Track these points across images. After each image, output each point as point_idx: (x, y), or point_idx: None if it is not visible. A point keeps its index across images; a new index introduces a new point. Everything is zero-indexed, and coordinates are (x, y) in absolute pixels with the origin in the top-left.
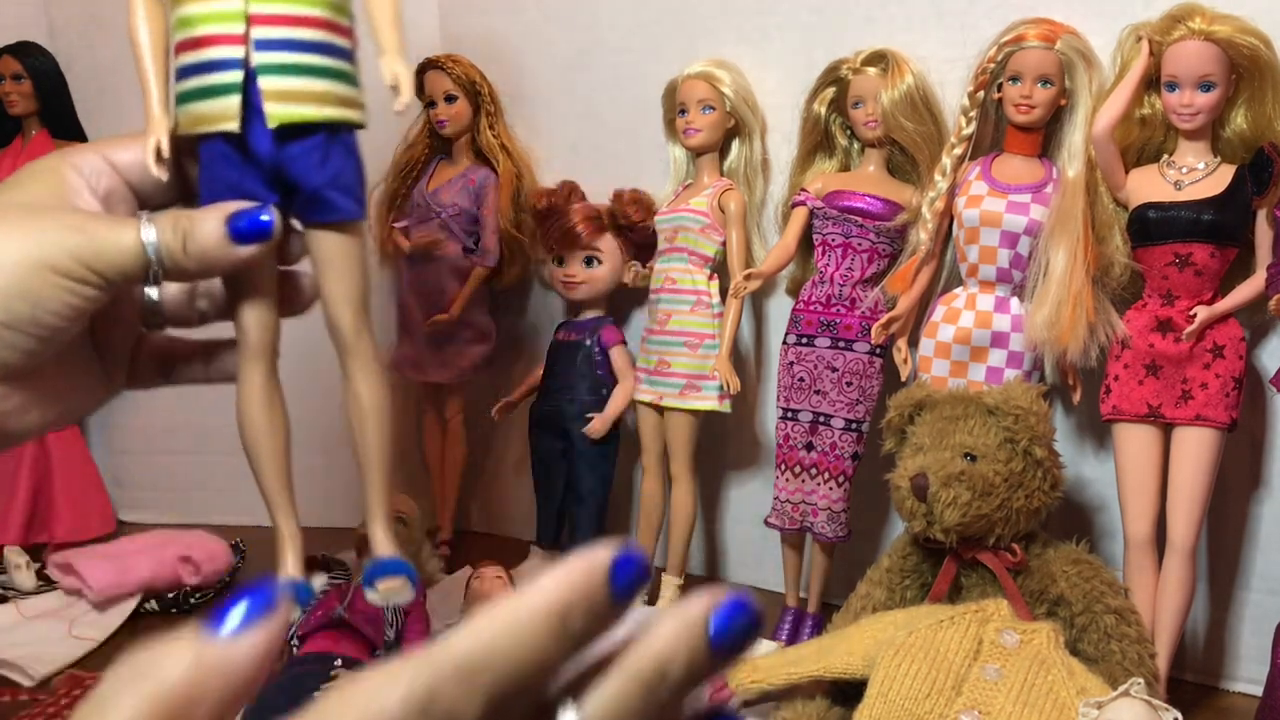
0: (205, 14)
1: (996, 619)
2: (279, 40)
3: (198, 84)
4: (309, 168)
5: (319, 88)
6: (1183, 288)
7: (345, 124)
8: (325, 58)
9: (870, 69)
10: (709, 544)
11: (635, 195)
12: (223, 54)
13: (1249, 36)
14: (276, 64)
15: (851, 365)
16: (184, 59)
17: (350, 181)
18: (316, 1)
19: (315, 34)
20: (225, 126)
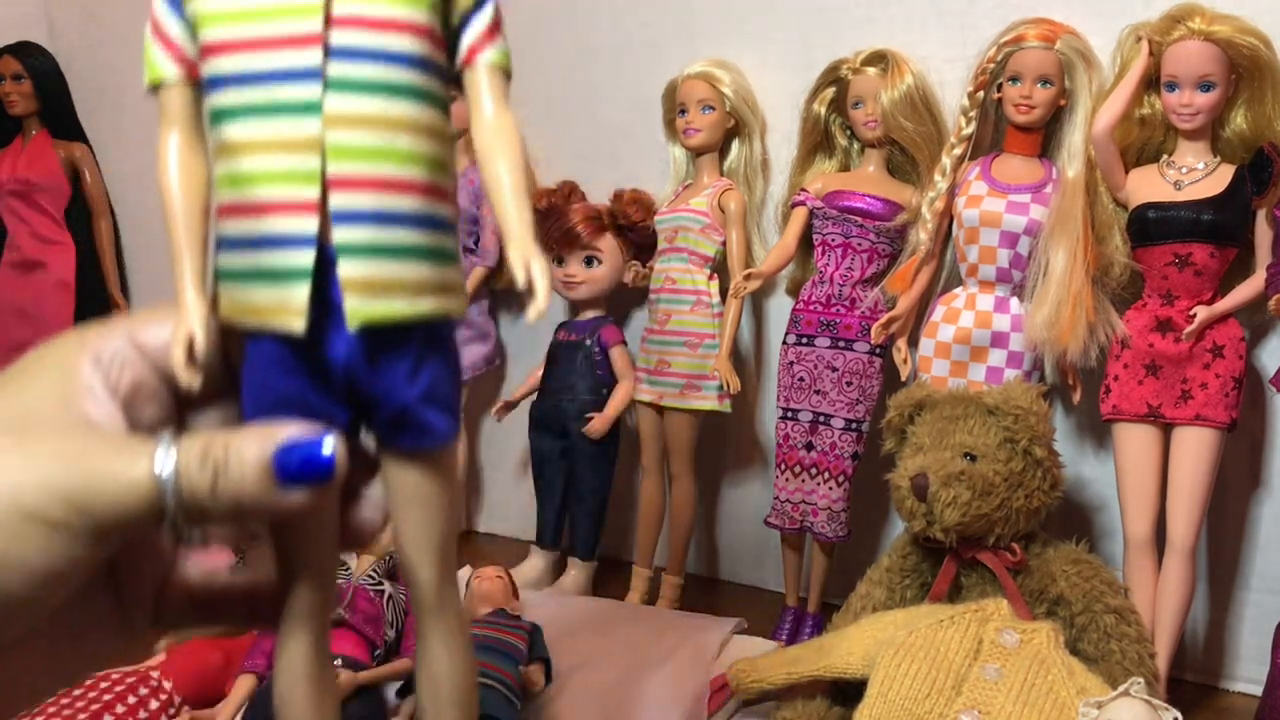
0: (268, 172)
1: (996, 618)
2: (367, 212)
3: (250, 263)
4: (397, 381)
5: (417, 275)
6: (1182, 288)
7: (445, 318)
8: (425, 233)
9: (870, 69)
10: (709, 544)
11: (635, 195)
12: (290, 227)
13: (1249, 36)
14: (363, 244)
15: (851, 365)
16: (232, 227)
17: (447, 393)
18: (416, 159)
19: (414, 203)
20: (289, 327)
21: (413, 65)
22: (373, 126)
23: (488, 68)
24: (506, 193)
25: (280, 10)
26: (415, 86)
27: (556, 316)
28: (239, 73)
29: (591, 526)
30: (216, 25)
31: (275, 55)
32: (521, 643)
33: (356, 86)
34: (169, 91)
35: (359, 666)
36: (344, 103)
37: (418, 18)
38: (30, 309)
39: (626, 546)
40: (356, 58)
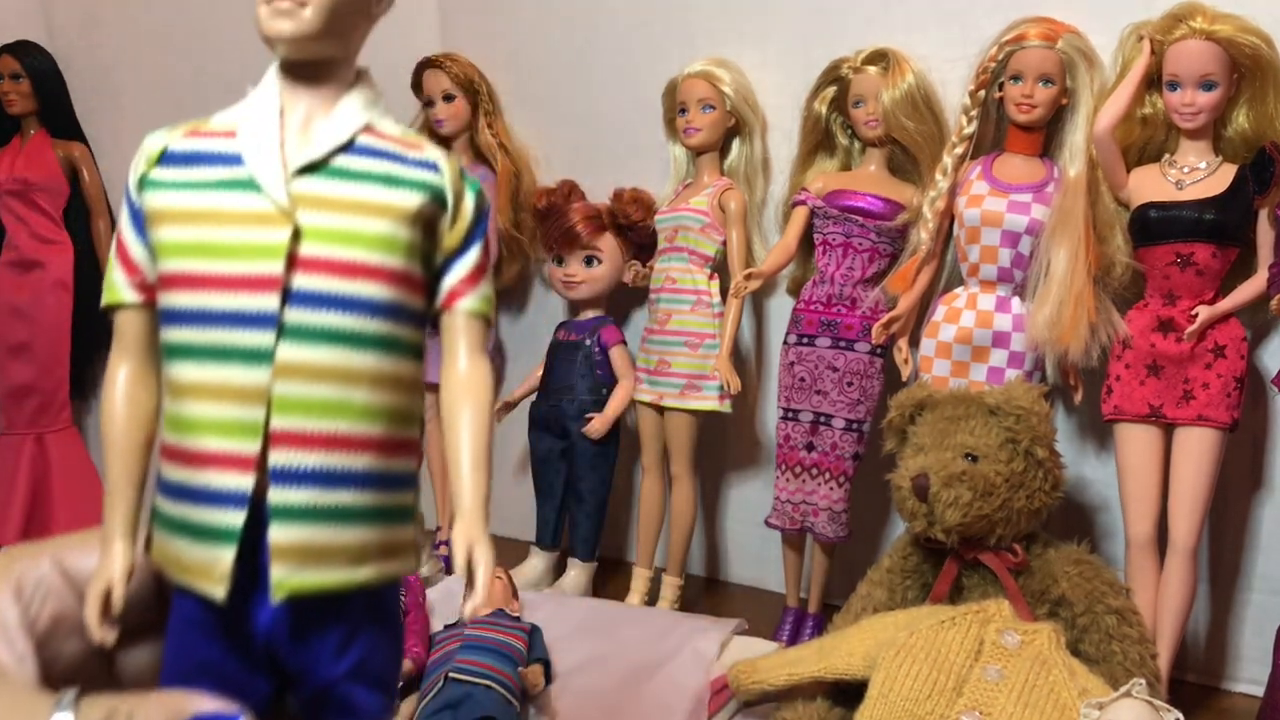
0: (209, 420)
1: (998, 620)
2: (310, 471)
3: (180, 514)
4: (323, 656)
5: (360, 540)
6: (1184, 287)
7: (388, 582)
8: (377, 493)
9: (871, 68)
10: (709, 544)
11: (635, 194)
12: (224, 483)
13: (1250, 36)
14: (301, 506)
15: (852, 365)
16: (170, 471)
17: (381, 668)
18: (374, 414)
19: (367, 461)
20: (210, 593)
21: (381, 313)
22: (328, 378)
23: (467, 315)
24: (465, 461)
25: (242, 248)
26: (382, 335)
27: (556, 316)
28: (192, 310)
29: (591, 527)
30: (176, 257)
31: (231, 296)
32: (521, 644)
33: (315, 335)
34: (126, 315)
35: None
36: (299, 352)
37: (392, 263)
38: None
39: (627, 547)
40: (319, 304)
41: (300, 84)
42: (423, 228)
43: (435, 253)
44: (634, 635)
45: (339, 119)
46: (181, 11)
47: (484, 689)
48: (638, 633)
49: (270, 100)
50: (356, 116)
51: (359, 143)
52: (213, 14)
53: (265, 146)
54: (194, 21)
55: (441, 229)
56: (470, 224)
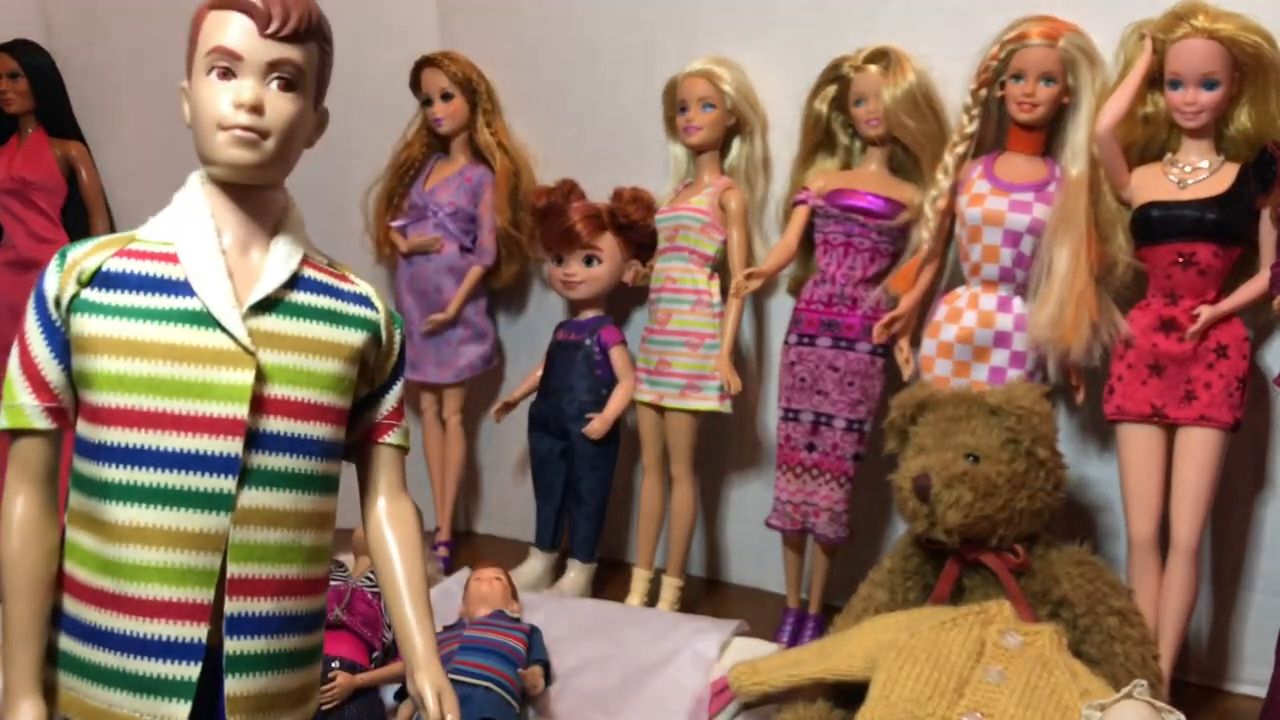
0: (157, 567)
1: (999, 621)
2: (265, 618)
3: (115, 665)
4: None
5: (301, 682)
6: (1186, 287)
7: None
8: (312, 635)
9: (872, 66)
10: (709, 545)
11: (635, 193)
12: (175, 633)
13: (1252, 34)
14: (257, 655)
15: (853, 365)
16: (95, 617)
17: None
18: (315, 555)
19: (308, 604)
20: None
21: (326, 453)
22: (283, 523)
23: (392, 450)
24: (407, 603)
25: (204, 387)
26: (325, 475)
27: (556, 316)
28: (141, 448)
29: (591, 528)
30: (119, 391)
31: (190, 438)
32: (521, 645)
33: (273, 479)
34: (31, 443)
35: (356, 669)
36: (258, 497)
37: (339, 402)
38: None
39: (627, 548)
40: (278, 447)
41: (234, 204)
42: (360, 365)
43: (360, 386)
44: (634, 636)
45: (282, 251)
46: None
47: (484, 690)
48: (638, 634)
49: (205, 221)
50: (296, 248)
51: (303, 275)
52: None
53: (213, 276)
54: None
55: (371, 363)
56: (398, 358)
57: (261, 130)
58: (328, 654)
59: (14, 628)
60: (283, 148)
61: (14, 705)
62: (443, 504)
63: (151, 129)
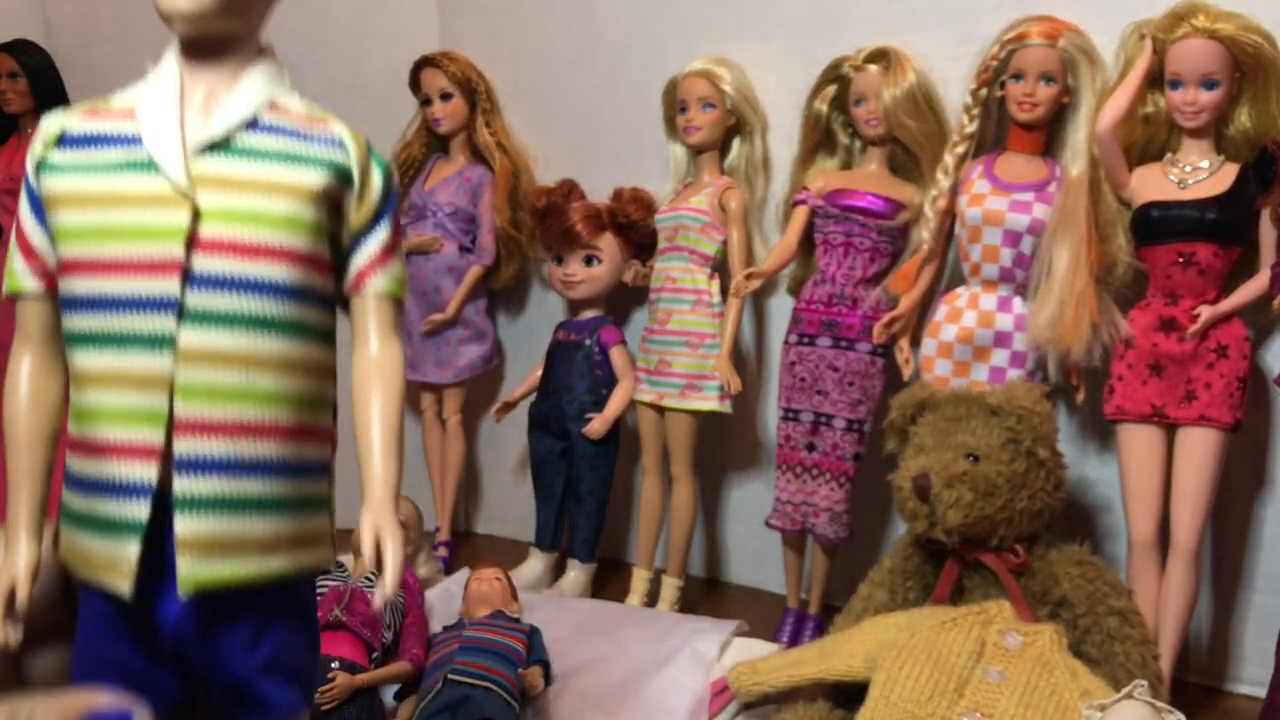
0: (110, 409)
1: (999, 621)
2: (217, 460)
3: (86, 508)
4: (233, 651)
5: (270, 531)
6: (1186, 287)
7: (302, 573)
8: (287, 482)
9: (872, 66)
10: (709, 545)
11: (635, 193)
12: (127, 474)
13: (1252, 34)
14: (207, 497)
15: (853, 365)
16: (75, 464)
17: (295, 663)
18: (281, 400)
19: (275, 449)
20: (116, 588)
21: (287, 296)
22: (233, 364)
23: (377, 296)
24: (375, 447)
25: (140, 231)
26: (288, 319)
27: (556, 316)
28: (91, 296)
29: (591, 527)
30: (74, 242)
31: (129, 280)
32: (521, 645)
33: (218, 319)
34: (27, 305)
35: (356, 669)
36: (201, 337)
37: (296, 244)
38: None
39: (626, 548)
40: (221, 287)
41: (201, 62)
42: (328, 207)
43: (343, 233)
44: (634, 636)
45: (241, 96)
46: None
47: (483, 690)
48: (638, 634)
49: (170, 79)
50: (259, 92)
51: (263, 120)
52: None
53: (164, 126)
54: None
55: (348, 208)
56: (378, 201)
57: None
58: (327, 654)
59: (13, 477)
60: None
61: (11, 547)
62: (443, 504)
63: None
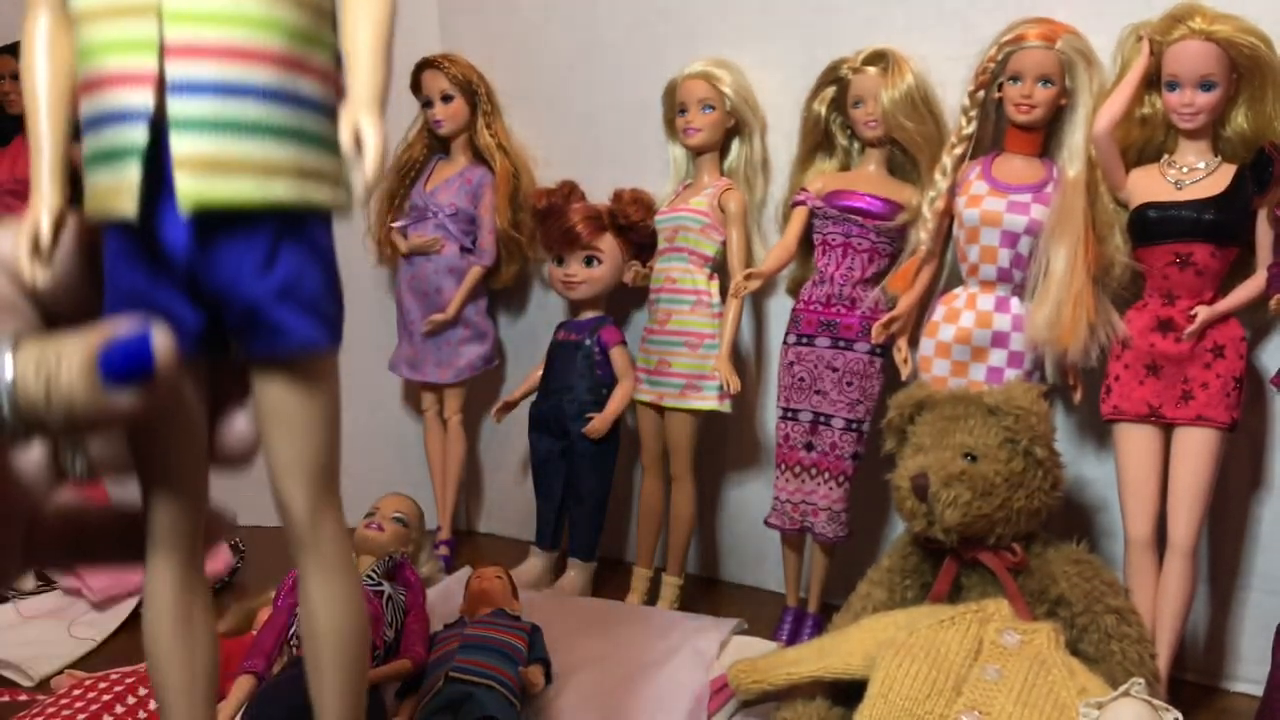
0: (105, 42)
1: (997, 619)
2: (208, 83)
3: (93, 144)
4: (243, 272)
5: (268, 156)
6: (1183, 287)
7: (310, 210)
8: (281, 110)
9: (871, 68)
10: (709, 544)
11: (635, 195)
12: (124, 101)
13: (1249, 36)
14: (201, 118)
15: (852, 365)
16: (84, 106)
17: (313, 293)
18: (270, 25)
19: (266, 74)
20: (121, 210)
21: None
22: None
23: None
24: (362, 51)
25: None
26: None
27: (556, 316)
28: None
29: (591, 527)
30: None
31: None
32: (521, 643)
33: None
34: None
35: None
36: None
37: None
38: None
39: (626, 547)
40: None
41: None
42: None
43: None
44: (634, 635)
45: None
46: None
47: (484, 689)
48: (637, 632)
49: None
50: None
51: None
52: None
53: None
54: None
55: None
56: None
57: None
58: None
59: (34, 136)
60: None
61: (35, 194)
62: (443, 503)
63: None
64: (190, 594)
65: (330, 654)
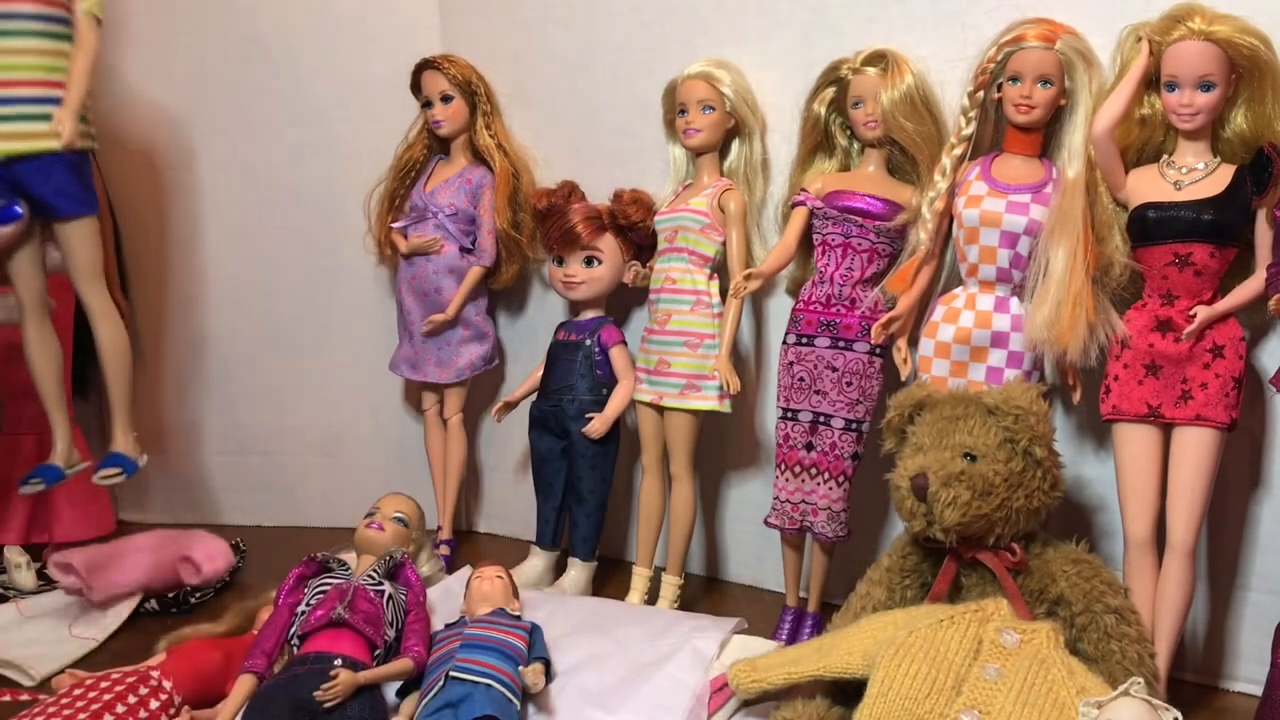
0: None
1: (996, 618)
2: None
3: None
4: (34, 181)
5: (28, 128)
6: (1182, 287)
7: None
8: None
9: (870, 69)
10: (709, 544)
11: (635, 195)
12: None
13: (1248, 36)
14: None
15: (851, 365)
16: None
17: (66, 187)
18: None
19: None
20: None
21: None
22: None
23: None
24: (73, 75)
25: None
26: None
27: (556, 316)
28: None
29: (591, 526)
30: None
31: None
32: (521, 643)
33: None
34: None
35: (359, 666)
36: None
37: None
38: None
39: (626, 546)
40: None
41: None
42: None
43: None
44: (634, 634)
45: None
46: (181, 12)
47: (484, 688)
48: (638, 631)
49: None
50: None
51: None
52: (212, 14)
53: None
54: (194, 22)
55: None
56: None
57: None
58: (330, 651)
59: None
60: None
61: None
62: (444, 503)
63: (154, 130)
64: (47, 331)
65: (113, 362)
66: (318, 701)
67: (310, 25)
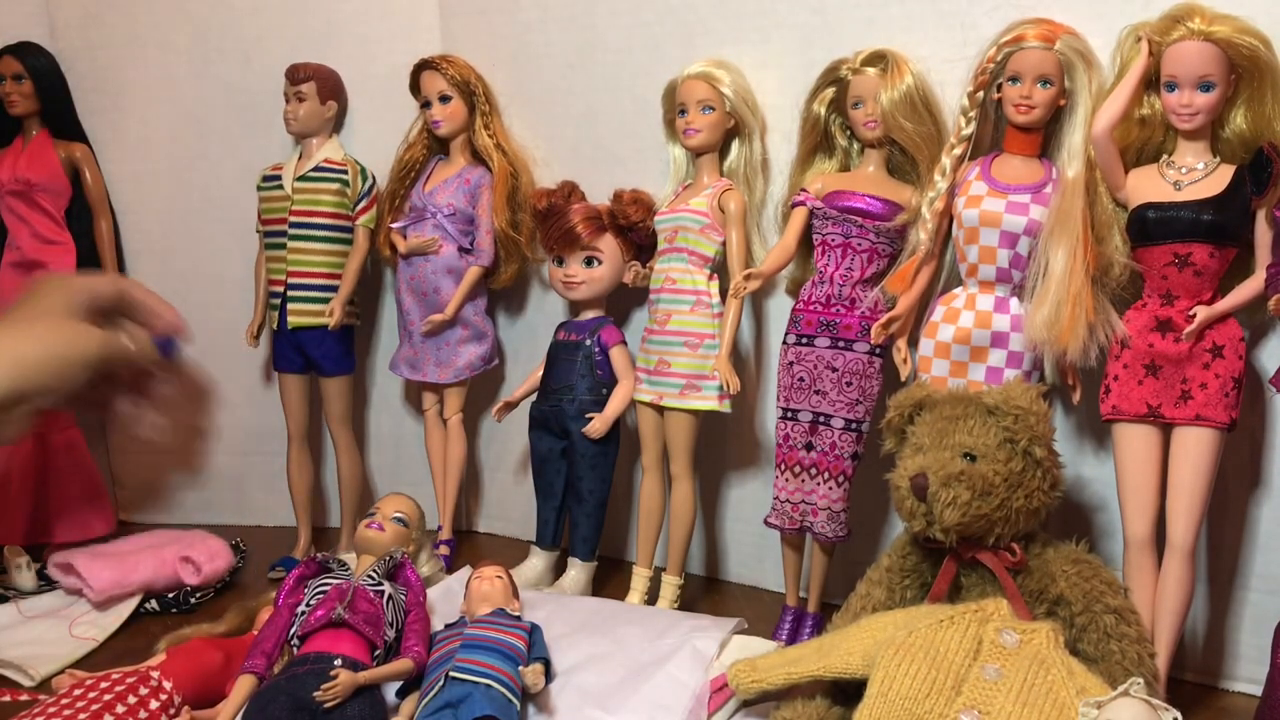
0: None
1: (996, 619)
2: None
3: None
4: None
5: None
6: (1182, 288)
7: None
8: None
9: (870, 69)
10: (709, 544)
11: (635, 195)
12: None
13: (1248, 37)
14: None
15: (851, 365)
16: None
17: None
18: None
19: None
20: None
21: None
22: None
23: None
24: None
25: None
26: None
27: (556, 316)
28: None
29: (591, 526)
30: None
31: None
32: (521, 643)
33: None
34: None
35: (359, 667)
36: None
37: None
38: None
39: (626, 546)
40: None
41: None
42: None
43: None
44: (634, 634)
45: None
46: (183, 12)
47: (484, 688)
48: (637, 631)
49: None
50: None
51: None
52: (214, 15)
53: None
54: (195, 22)
55: None
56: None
57: None
58: (330, 652)
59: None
60: None
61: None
62: (444, 503)
63: (155, 131)
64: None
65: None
66: (318, 702)
67: (310, 25)
